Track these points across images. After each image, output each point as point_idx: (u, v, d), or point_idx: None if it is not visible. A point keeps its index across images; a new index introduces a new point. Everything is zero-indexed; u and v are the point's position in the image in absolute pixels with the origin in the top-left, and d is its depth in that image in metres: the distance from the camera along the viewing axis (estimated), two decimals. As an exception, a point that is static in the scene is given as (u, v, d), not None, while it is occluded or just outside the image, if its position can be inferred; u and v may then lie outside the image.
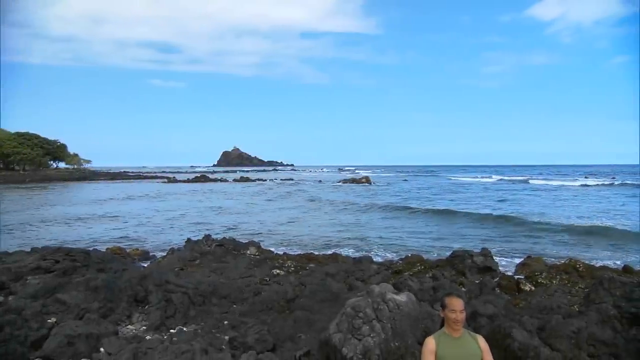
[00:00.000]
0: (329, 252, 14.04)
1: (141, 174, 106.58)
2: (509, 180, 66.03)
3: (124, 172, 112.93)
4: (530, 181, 62.30)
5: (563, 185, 53.08)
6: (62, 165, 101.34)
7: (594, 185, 51.16)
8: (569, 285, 10.39)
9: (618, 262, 13.35)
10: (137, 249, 14.41)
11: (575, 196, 38.35)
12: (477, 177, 76.99)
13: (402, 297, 5.35)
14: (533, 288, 10.13)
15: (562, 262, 12.30)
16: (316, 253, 13.55)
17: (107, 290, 7.14)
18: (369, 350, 4.71)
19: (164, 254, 12.53)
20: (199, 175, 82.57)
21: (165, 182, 71.48)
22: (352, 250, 15.56)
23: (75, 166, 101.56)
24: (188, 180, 72.17)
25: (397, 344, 4.95)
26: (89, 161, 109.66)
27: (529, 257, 13.87)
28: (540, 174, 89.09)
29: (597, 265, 12.47)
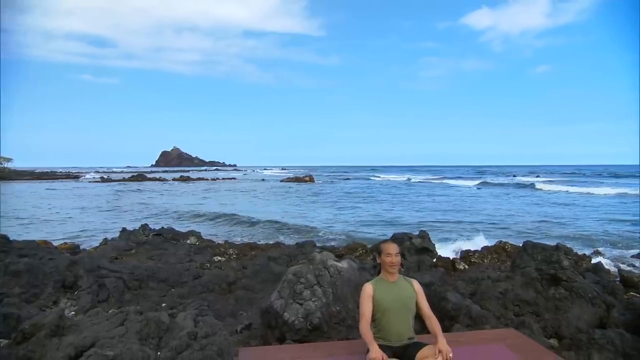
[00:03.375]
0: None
1: (71, 173, 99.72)
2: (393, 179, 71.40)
3: (52, 172, 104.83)
4: (412, 180, 69.14)
5: (442, 184, 57.93)
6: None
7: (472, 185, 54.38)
8: (498, 263, 11.20)
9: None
10: (66, 243, 13.45)
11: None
12: (397, 177, 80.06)
13: (343, 264, 5.44)
14: (467, 267, 10.78)
15: (494, 244, 13.21)
16: (259, 242, 13.42)
17: (30, 275, 6.60)
18: (311, 313, 4.74)
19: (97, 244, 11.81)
20: (135, 174, 78.80)
21: (98, 181, 67.52)
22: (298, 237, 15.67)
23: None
24: (124, 180, 68.67)
25: (338, 308, 5.02)
26: (9, 159, 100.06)
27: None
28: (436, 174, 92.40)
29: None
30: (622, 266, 11.05)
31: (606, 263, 10.42)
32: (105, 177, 75.39)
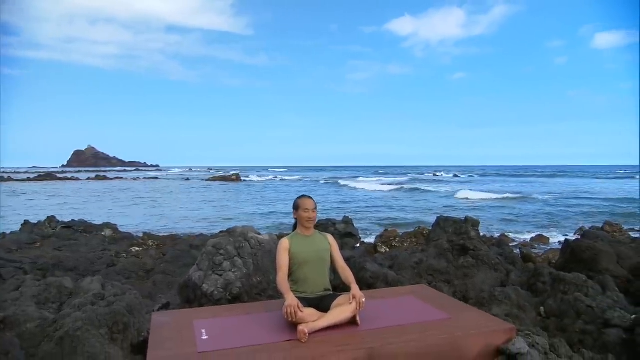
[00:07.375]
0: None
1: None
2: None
3: None
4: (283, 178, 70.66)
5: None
6: None
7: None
8: (417, 246, 11.84)
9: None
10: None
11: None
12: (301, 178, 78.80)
13: (264, 236, 5.43)
14: (388, 249, 11.28)
15: (413, 230, 13.98)
16: (181, 234, 12.95)
17: None
18: (231, 283, 4.67)
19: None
20: (43, 174, 72.05)
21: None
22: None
23: None
24: (29, 180, 62.40)
25: (259, 279, 5.01)
26: None
27: (386, 230, 15.88)
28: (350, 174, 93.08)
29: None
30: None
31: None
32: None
